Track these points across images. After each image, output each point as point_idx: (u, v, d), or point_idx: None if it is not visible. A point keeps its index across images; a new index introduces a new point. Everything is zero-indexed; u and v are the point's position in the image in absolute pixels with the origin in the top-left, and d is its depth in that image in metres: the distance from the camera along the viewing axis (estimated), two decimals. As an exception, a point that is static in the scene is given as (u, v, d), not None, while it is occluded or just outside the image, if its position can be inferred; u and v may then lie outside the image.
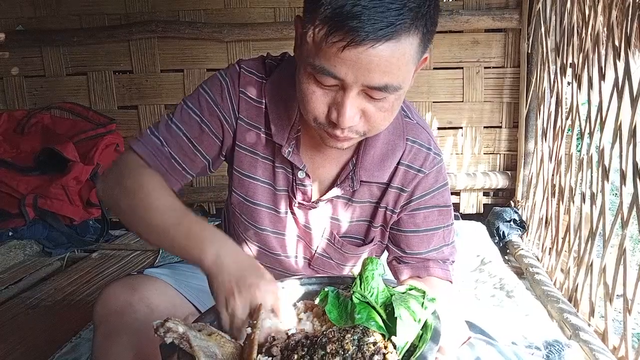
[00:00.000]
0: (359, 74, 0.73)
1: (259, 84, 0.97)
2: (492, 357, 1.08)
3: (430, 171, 1.00)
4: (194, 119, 0.96)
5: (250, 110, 0.97)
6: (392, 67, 0.74)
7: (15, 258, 2.31)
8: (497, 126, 2.71)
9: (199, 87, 0.98)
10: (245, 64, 0.98)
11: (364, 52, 0.71)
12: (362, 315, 0.71)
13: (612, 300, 1.46)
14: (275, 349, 0.69)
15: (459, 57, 2.65)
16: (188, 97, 0.99)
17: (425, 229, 1.02)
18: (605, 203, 1.55)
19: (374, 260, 0.77)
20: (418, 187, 1.00)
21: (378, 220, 1.04)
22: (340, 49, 0.71)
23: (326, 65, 0.74)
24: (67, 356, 1.41)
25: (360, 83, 0.75)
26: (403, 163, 0.98)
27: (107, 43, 2.76)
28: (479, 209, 2.78)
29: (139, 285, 0.98)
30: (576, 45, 1.89)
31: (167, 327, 0.64)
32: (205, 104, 0.96)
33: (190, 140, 0.96)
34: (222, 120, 0.97)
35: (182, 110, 0.97)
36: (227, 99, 0.96)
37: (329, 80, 0.76)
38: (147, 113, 2.84)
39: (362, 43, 0.70)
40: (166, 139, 0.95)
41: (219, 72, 0.98)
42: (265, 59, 1.00)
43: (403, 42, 0.72)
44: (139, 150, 0.95)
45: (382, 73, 0.74)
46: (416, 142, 0.99)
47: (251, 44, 2.71)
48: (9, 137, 2.65)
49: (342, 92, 0.77)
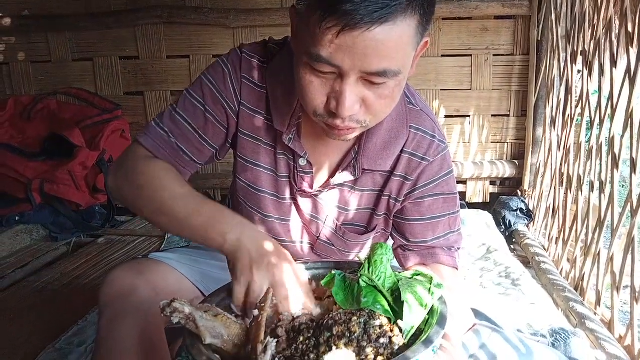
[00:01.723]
0: (356, 60, 0.71)
1: (260, 68, 0.96)
2: (498, 344, 1.07)
3: (435, 159, 0.98)
4: (198, 108, 0.95)
5: (252, 95, 0.96)
6: (390, 50, 0.72)
7: (22, 242, 2.32)
8: (505, 115, 2.68)
9: (202, 75, 0.98)
10: (247, 48, 0.97)
11: (359, 37, 0.69)
12: (369, 299, 0.71)
13: (620, 290, 1.45)
14: (280, 329, 0.69)
15: (468, 45, 2.61)
16: (191, 86, 0.98)
17: (431, 216, 1.01)
18: (615, 192, 1.53)
19: (383, 245, 0.76)
20: (422, 175, 0.99)
21: (381, 208, 1.03)
22: (335, 34, 0.69)
23: (322, 52, 0.72)
24: (74, 339, 1.42)
25: (358, 69, 0.73)
26: (406, 151, 0.97)
27: (113, 29, 2.75)
28: (485, 197, 2.76)
29: (145, 268, 0.99)
30: (587, 32, 1.86)
31: (173, 307, 0.64)
32: (208, 92, 0.95)
33: (195, 129, 0.96)
34: (226, 107, 0.96)
35: (186, 99, 0.96)
36: (230, 85, 0.95)
37: (326, 68, 0.74)
38: (153, 99, 2.84)
39: (357, 27, 0.68)
40: (171, 129, 0.95)
41: (221, 58, 0.97)
42: (267, 43, 0.98)
43: (400, 24, 0.70)
44: (145, 143, 0.95)
45: (380, 57, 0.72)
46: (420, 129, 0.97)
47: (258, 30, 2.68)
48: (15, 123, 2.65)
49: (340, 80, 0.75)
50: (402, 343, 0.68)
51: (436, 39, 2.61)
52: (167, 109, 0.98)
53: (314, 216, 1.04)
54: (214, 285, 0.96)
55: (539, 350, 1.11)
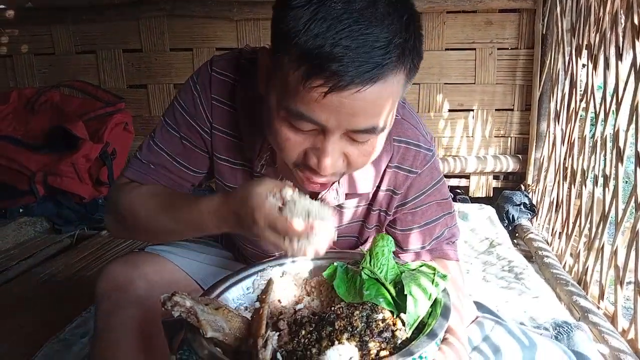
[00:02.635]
0: (342, 119, 0.66)
1: (231, 86, 0.90)
2: (501, 336, 1.08)
3: (423, 170, 0.93)
4: (174, 136, 0.93)
5: (224, 116, 0.91)
6: (378, 109, 0.67)
7: (26, 234, 2.33)
8: (509, 109, 2.67)
9: (174, 99, 0.94)
10: (217, 65, 0.91)
11: (348, 97, 0.64)
12: (371, 292, 0.71)
13: (623, 284, 1.44)
14: (282, 322, 0.69)
15: (472, 38, 2.59)
16: (166, 113, 0.95)
17: (426, 222, 0.99)
18: (619, 186, 1.52)
19: (384, 236, 0.76)
20: (411, 188, 0.95)
21: (372, 221, 1.00)
22: (321, 94, 0.63)
23: (304, 110, 0.66)
24: (77, 330, 1.42)
25: (343, 128, 0.68)
26: (392, 165, 0.92)
27: (117, 21, 2.74)
28: (488, 192, 2.75)
29: (141, 261, 0.99)
30: (593, 26, 1.84)
31: (174, 300, 0.64)
32: (180, 118, 0.92)
33: (174, 158, 0.93)
34: (200, 132, 0.92)
35: (163, 128, 0.94)
36: (200, 108, 0.90)
37: (307, 126, 0.69)
38: (156, 92, 2.83)
39: (347, 88, 0.63)
40: (151, 161, 0.94)
41: (191, 77, 0.93)
42: (239, 58, 0.91)
43: (389, 82, 0.66)
44: (129, 175, 0.94)
45: (367, 116, 0.67)
46: (402, 140, 0.91)
47: (261, 22, 2.67)
48: (18, 115, 2.65)
49: (322, 136, 0.70)
50: (406, 336, 0.68)
51: (440, 32, 2.59)
52: (147, 138, 0.96)
53: None
54: (210, 277, 0.96)
55: (542, 342, 1.11)
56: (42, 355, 1.31)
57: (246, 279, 0.83)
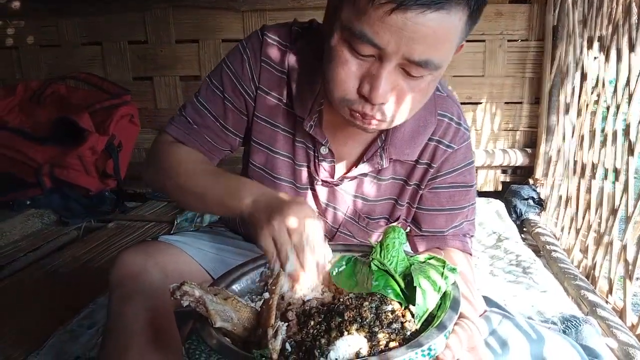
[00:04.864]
0: (402, 44, 0.68)
1: (282, 52, 0.93)
2: (509, 330, 1.07)
3: (460, 147, 0.97)
4: (217, 96, 0.96)
5: (272, 79, 0.94)
6: (437, 40, 0.68)
7: (33, 226, 2.34)
8: (518, 102, 2.64)
9: (222, 61, 0.97)
10: (269, 31, 0.94)
11: (411, 19, 0.65)
12: (380, 283, 0.70)
13: (632, 279, 1.43)
14: (291, 313, 0.68)
15: (481, 30, 2.56)
16: (212, 73, 0.98)
17: (450, 207, 1.00)
18: (630, 180, 1.50)
19: (396, 229, 0.75)
20: (446, 162, 0.97)
21: (404, 197, 1.01)
22: (387, 12, 0.65)
23: (367, 30, 0.68)
24: (85, 321, 1.43)
25: (401, 54, 0.69)
26: (433, 139, 0.95)
27: (122, 13, 2.73)
28: (496, 186, 2.74)
29: (154, 250, 0.99)
30: (605, 17, 1.81)
31: (183, 290, 0.63)
32: (227, 79, 0.95)
33: (216, 118, 0.96)
34: (244, 94, 0.95)
35: (207, 88, 0.97)
36: (247, 70, 0.94)
37: (366, 49, 0.70)
38: (162, 84, 2.83)
39: (412, 8, 0.64)
40: (194, 119, 0.97)
41: (242, 42, 0.96)
42: (292, 26, 0.95)
43: (453, 15, 0.67)
44: (172, 132, 0.97)
45: (426, 46, 0.68)
46: (446, 116, 0.96)
47: (267, 13, 2.65)
48: (25, 107, 2.66)
49: (378, 63, 0.71)
50: (415, 329, 0.67)
51: (449, 24, 2.56)
52: (192, 97, 0.99)
53: (330, 205, 1.02)
54: (223, 268, 0.95)
55: (550, 336, 1.10)
56: (49, 346, 1.32)
57: (254, 270, 0.82)
